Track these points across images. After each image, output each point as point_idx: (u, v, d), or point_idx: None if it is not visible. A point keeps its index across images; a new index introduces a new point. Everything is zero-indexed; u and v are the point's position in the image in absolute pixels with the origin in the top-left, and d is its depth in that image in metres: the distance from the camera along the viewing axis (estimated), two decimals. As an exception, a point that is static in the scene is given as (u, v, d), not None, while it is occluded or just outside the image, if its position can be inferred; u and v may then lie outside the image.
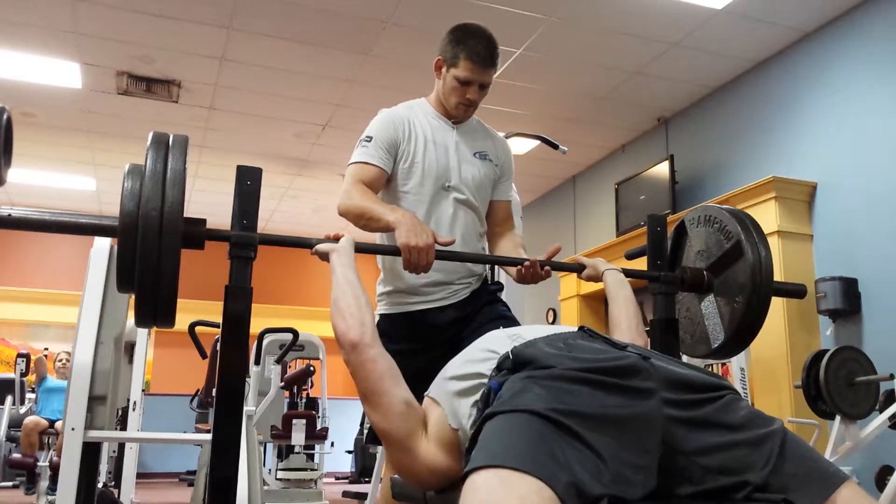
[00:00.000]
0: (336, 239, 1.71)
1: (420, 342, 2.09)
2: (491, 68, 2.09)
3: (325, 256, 1.64)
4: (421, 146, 2.11)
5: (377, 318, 2.16)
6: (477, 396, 1.22)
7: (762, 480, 1.03)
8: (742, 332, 1.91)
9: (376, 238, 2.11)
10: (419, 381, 1.41)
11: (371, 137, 2.08)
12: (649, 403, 1.07)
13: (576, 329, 1.30)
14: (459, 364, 1.33)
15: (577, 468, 0.95)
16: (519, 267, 1.97)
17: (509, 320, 2.13)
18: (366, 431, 7.07)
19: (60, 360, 6.56)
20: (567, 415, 1.01)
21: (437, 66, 2.14)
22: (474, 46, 2.06)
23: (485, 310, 2.14)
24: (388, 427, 1.29)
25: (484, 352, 1.29)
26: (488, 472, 0.94)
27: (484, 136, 2.25)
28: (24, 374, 6.56)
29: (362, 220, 1.96)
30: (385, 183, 2.12)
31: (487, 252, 2.28)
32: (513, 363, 1.18)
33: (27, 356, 6.61)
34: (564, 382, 1.07)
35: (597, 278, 1.96)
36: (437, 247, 1.83)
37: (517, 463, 0.94)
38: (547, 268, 1.95)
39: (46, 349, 7.33)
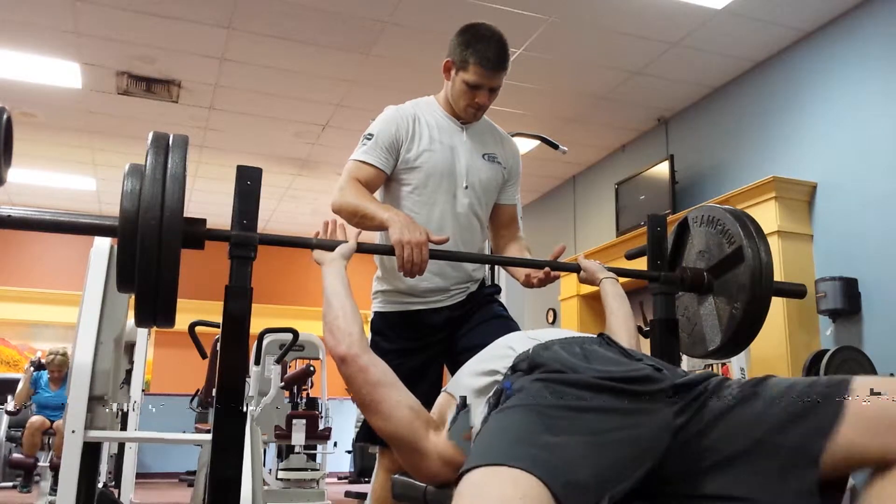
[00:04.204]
0: (325, 228, 1.73)
1: (415, 341, 2.08)
2: (501, 72, 2.04)
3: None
4: (425, 146, 2.07)
5: (372, 316, 2.16)
6: (491, 394, 1.23)
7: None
8: (741, 334, 1.91)
9: (376, 237, 2.08)
10: (416, 380, 1.40)
11: (372, 135, 2.04)
12: (660, 414, 1.07)
13: (595, 336, 1.31)
14: (478, 360, 1.33)
15: (569, 464, 0.95)
16: (528, 274, 1.97)
17: (506, 320, 2.12)
18: (355, 429, 7.07)
19: (54, 363, 6.05)
20: (570, 409, 1.02)
21: (445, 67, 2.09)
22: (484, 51, 2.00)
23: (481, 310, 2.13)
24: (392, 432, 1.29)
25: (504, 348, 1.29)
26: (475, 472, 0.95)
27: (493, 137, 2.21)
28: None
29: (355, 217, 1.93)
30: (386, 182, 2.10)
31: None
32: (528, 365, 1.18)
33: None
34: (575, 388, 1.08)
35: (593, 283, 1.95)
36: (432, 246, 1.81)
37: (502, 458, 0.94)
38: (555, 273, 1.95)
39: (38, 352, 6.98)
